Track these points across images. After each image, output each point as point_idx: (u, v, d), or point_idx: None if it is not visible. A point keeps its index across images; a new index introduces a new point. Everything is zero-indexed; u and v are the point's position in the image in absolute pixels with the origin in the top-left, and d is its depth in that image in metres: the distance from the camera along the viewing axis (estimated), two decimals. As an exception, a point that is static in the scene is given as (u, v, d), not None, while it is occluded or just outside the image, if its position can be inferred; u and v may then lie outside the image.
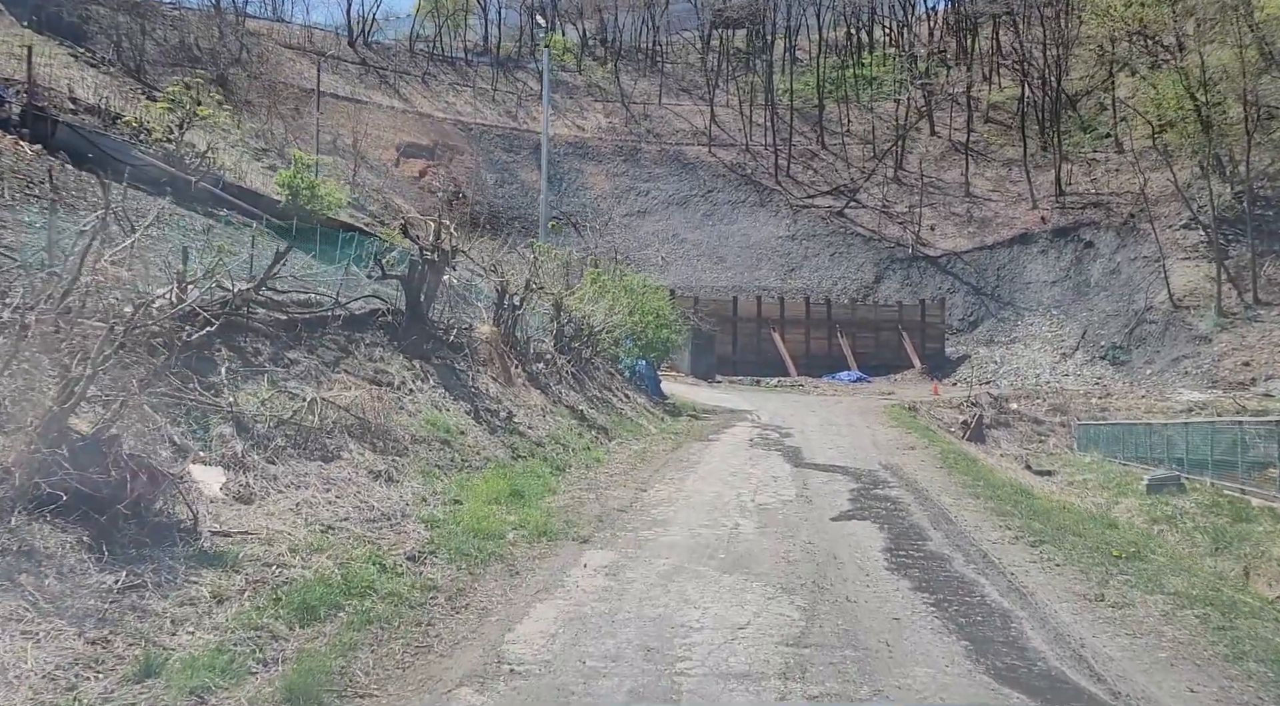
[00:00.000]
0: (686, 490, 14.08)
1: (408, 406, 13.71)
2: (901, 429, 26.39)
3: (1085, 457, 32.22)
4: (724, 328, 54.94)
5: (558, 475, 14.53)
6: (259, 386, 11.47)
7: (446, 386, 15.32)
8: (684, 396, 39.36)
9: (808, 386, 50.34)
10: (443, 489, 11.55)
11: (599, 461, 16.59)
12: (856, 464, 18.31)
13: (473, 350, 17.55)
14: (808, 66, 79.10)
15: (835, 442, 22.58)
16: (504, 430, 15.42)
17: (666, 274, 62.97)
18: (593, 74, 77.55)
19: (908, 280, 62.85)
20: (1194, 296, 53.46)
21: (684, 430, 24.99)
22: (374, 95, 67.18)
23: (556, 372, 21.71)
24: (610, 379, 27.92)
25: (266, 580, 7.11)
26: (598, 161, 70.11)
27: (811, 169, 70.74)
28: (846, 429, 27.16)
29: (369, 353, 14.47)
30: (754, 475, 16.06)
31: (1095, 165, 64.46)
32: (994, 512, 12.84)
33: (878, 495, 14.32)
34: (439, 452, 12.88)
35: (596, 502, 12.66)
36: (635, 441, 20.49)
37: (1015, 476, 19.29)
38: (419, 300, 15.70)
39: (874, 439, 23.65)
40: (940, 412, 40.35)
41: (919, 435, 24.18)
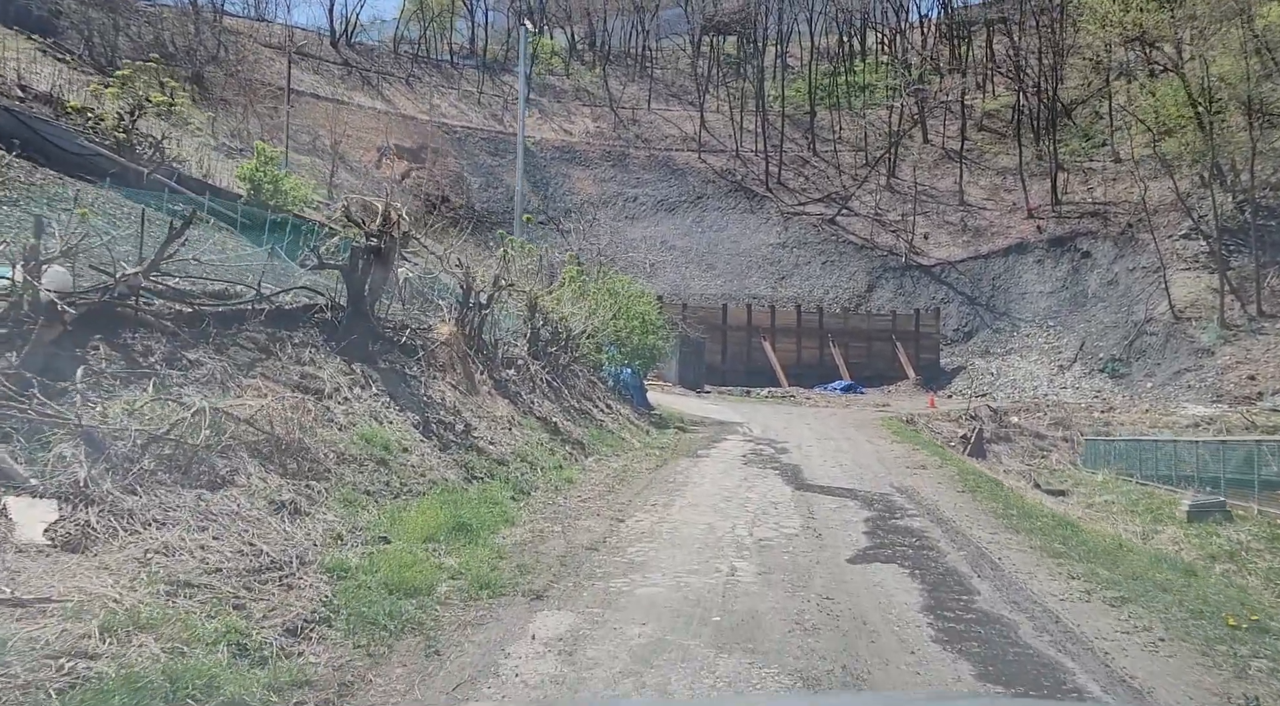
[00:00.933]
0: (672, 520, 11.69)
1: (339, 418, 11.29)
2: (906, 444, 24.06)
3: (1097, 476, 29.95)
4: (713, 336, 52.63)
5: (519, 501, 12.13)
6: (142, 393, 9.06)
7: (392, 394, 12.91)
8: (671, 407, 37.10)
9: (799, 397, 48.02)
10: (368, 522, 9.14)
11: (571, 483, 14.19)
12: (865, 486, 15.95)
13: (430, 354, 15.15)
14: (799, 73, 77.05)
15: (837, 460, 20.24)
16: (459, 446, 13.01)
17: (654, 280, 60.75)
18: (581, 78, 75.31)
19: (901, 289, 60.64)
20: (1195, 308, 51.37)
21: (671, 444, 22.61)
22: (356, 96, 64.75)
23: (529, 380, 19.31)
24: (591, 388, 25.54)
25: (40, 684, 4.70)
26: (585, 166, 67.80)
27: (803, 176, 68.57)
28: (846, 444, 24.82)
29: (297, 354, 12.06)
30: (750, 500, 13.68)
31: (1092, 174, 62.45)
32: (1043, 552, 10.49)
33: (898, 527, 11.95)
34: (372, 475, 10.46)
35: (562, 537, 10.26)
36: (616, 458, 18.09)
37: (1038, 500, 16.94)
38: (362, 294, 13.30)
39: (878, 455, 21.31)
40: (938, 426, 38.08)
41: (928, 452, 21.86)
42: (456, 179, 63.51)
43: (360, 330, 13.36)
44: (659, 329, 30.51)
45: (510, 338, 20.52)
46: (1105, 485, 27.02)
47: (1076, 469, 37.97)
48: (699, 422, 32.72)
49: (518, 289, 19.34)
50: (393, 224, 13.61)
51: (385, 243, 13.53)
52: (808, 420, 35.51)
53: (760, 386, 50.09)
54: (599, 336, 28.48)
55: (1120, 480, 28.30)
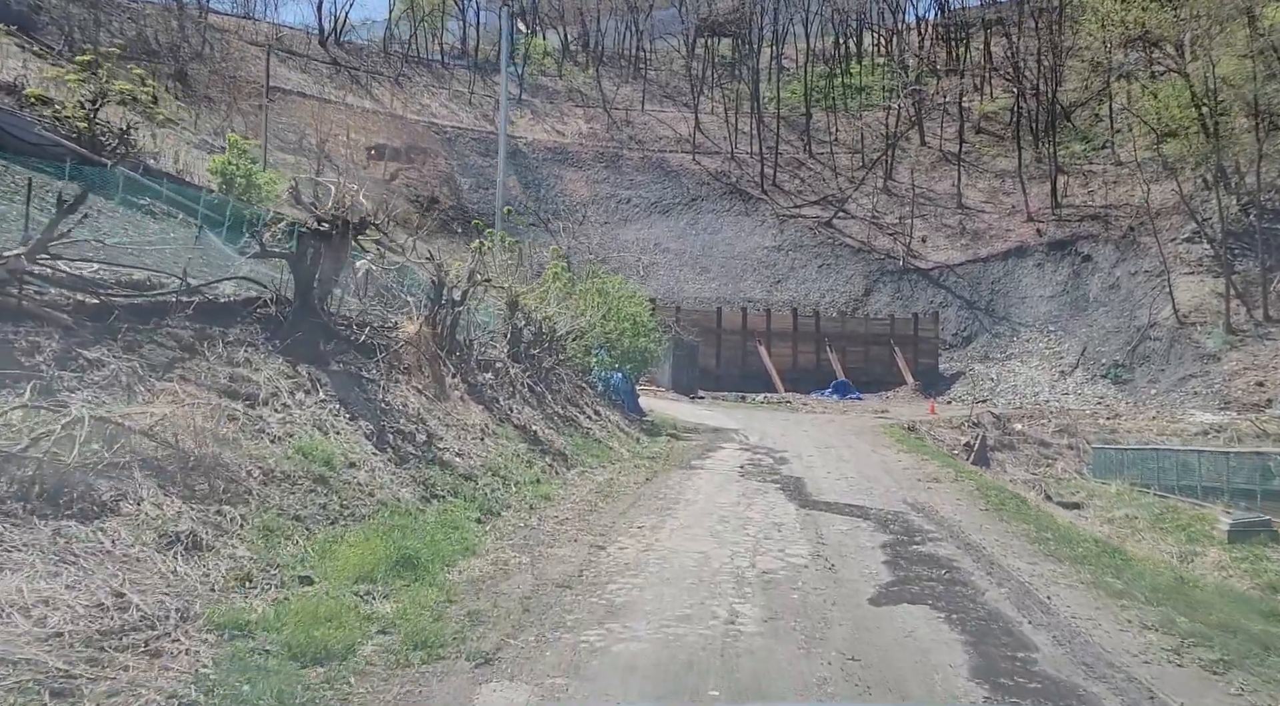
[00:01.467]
0: (661, 547, 10.00)
1: (272, 428, 9.58)
2: (914, 454, 22.38)
3: (1110, 486, 28.29)
4: (707, 340, 50.97)
5: (486, 523, 10.44)
6: (15, 398, 7.37)
7: (344, 400, 11.21)
8: (664, 413, 35.45)
9: (795, 403, 46.36)
10: (290, 557, 7.45)
11: (549, 500, 12.49)
12: (876, 503, 14.28)
13: (393, 355, 13.47)
14: (794, 75, 75.46)
15: (841, 471, 18.57)
16: (420, 459, 11.31)
17: (648, 283, 59.10)
18: (574, 79, 73.64)
19: (898, 293, 59.02)
20: (1200, 313, 49.83)
21: (662, 454, 20.91)
22: (344, 96, 63.03)
23: (509, 384, 17.62)
24: (578, 393, 23.85)
25: None
26: (578, 167, 66.12)
27: (798, 178, 66.95)
28: (848, 452, 23.15)
29: (229, 353, 10.35)
30: (751, 520, 12.00)
31: (1092, 177, 60.93)
32: (1097, 589, 8.82)
33: (922, 554, 10.28)
34: (305, 496, 8.76)
35: (529, 571, 8.58)
36: (601, 470, 16.39)
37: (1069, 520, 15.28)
38: (311, 286, 11.60)
39: (885, 466, 19.64)
40: (940, 433, 36.41)
41: (939, 462, 20.18)
42: (447, 179, 61.82)
43: (309, 327, 11.66)
44: (651, 331, 28.84)
45: (489, 338, 18.84)
46: (1121, 497, 25.39)
47: (1084, 478, 36.36)
48: (693, 430, 31.06)
49: (496, 285, 17.63)
50: (347, 208, 11.93)
51: (339, 229, 11.84)
52: (806, 427, 33.86)
53: (755, 391, 48.41)
54: (587, 338, 26.84)
55: (1136, 491, 26.66)
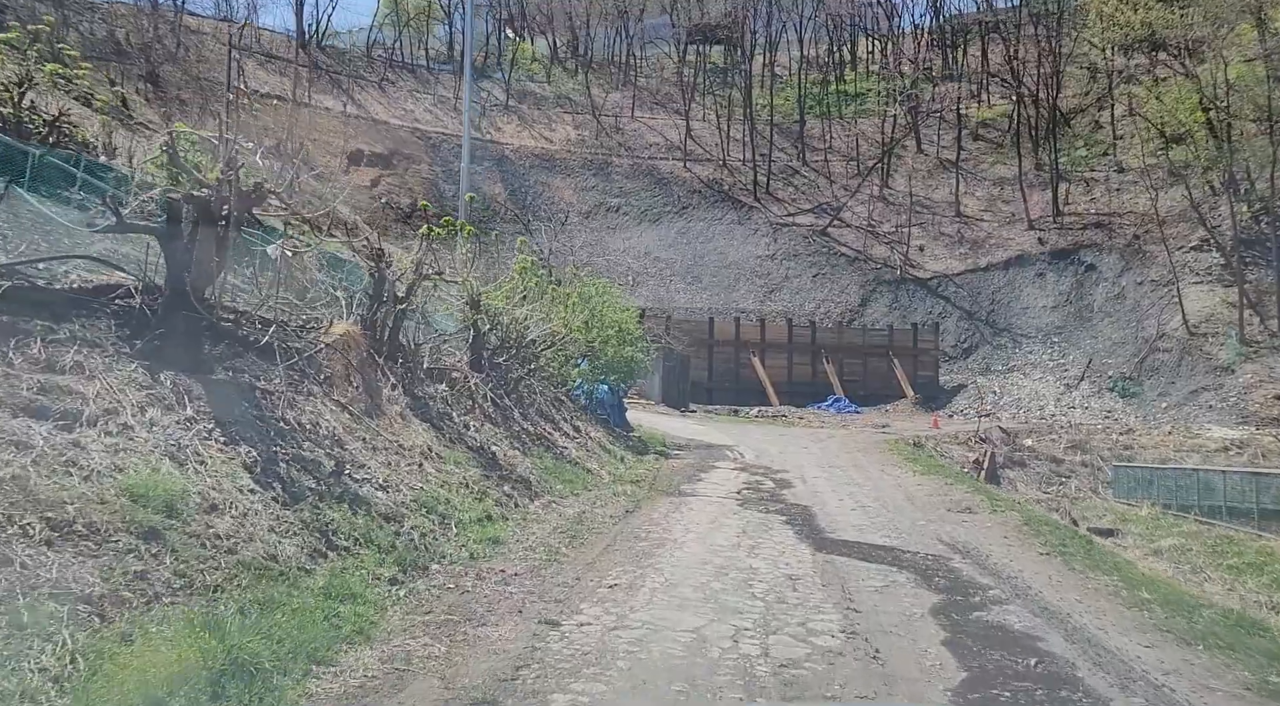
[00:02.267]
0: (637, 620, 7.15)
1: (91, 459, 6.72)
2: (932, 475, 19.54)
3: (1139, 509, 25.50)
4: (699, 352, 48.19)
5: (400, 586, 7.58)
6: None
7: (223, 418, 8.36)
8: (653, 428, 32.69)
9: (791, 417, 43.58)
10: (17, 685, 4.59)
11: (497, 545, 9.64)
12: (907, 541, 11.46)
13: (309, 360, 10.64)
14: (787, 82, 72.92)
15: (855, 498, 15.76)
16: (322, 496, 8.44)
17: (637, 293, 56.34)
18: (562, 85, 70.93)
19: (896, 303, 56.32)
20: (1211, 323, 47.26)
21: (648, 476, 18.06)
22: (325, 100, 60.24)
23: (467, 397, 14.78)
24: (555, 407, 21.02)
25: None
26: (566, 175, 63.38)
27: (792, 186, 64.29)
28: (857, 474, 20.35)
29: (51, 355, 7.50)
30: (757, 573, 9.16)
31: (1094, 184, 58.40)
32: (1273, 700, 6.05)
33: (990, 628, 7.46)
34: (115, 561, 5.88)
35: (438, 674, 5.73)
36: (573, 499, 13.54)
37: (1158, 569, 12.48)
38: (185, 270, 8.77)
39: (904, 491, 16.83)
40: (948, 449, 33.66)
41: (966, 487, 17.34)
42: (430, 186, 59.00)
43: (185, 324, 8.82)
44: (637, 340, 26.01)
45: (444, 343, 16.02)
46: (1157, 523, 22.62)
47: (1101, 498, 33.62)
48: (684, 446, 28.28)
49: (450, 280, 14.78)
50: (236, 172, 9.12)
51: (224, 198, 9.02)
52: (805, 443, 31.09)
53: (749, 405, 45.62)
54: (567, 347, 24.04)
55: (1172, 517, 23.88)
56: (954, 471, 22.44)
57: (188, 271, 8.86)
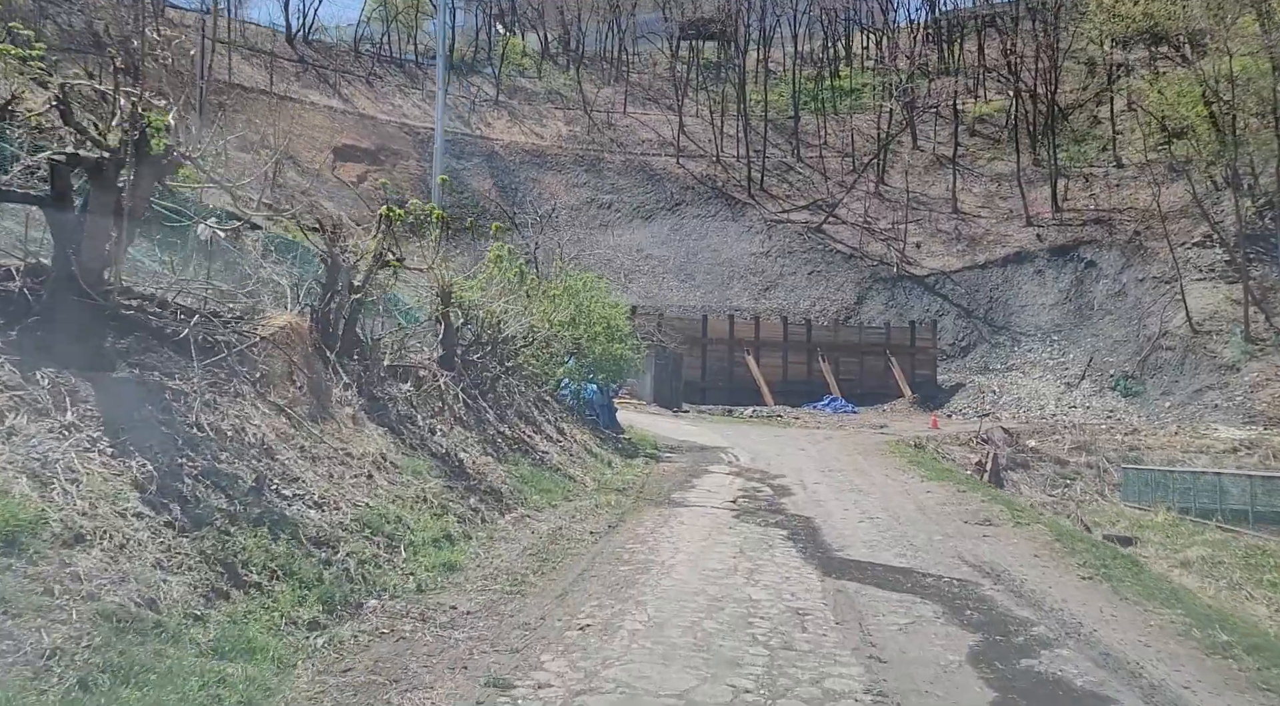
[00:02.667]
0: (609, 683, 5.63)
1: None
2: (941, 481, 18.03)
3: (1153, 514, 24.06)
4: (692, 350, 46.69)
5: (314, 637, 6.07)
6: None
7: (119, 425, 6.85)
8: (644, 429, 31.23)
9: (786, 417, 42.10)
10: None
11: (452, 572, 8.14)
12: (927, 562, 10.00)
13: (242, 357, 9.14)
14: (782, 77, 71.50)
15: (861, 506, 14.29)
16: (235, 519, 6.92)
17: (629, 290, 54.91)
18: (553, 80, 69.39)
19: (892, 301, 54.90)
20: (1214, 320, 45.89)
21: (637, 483, 16.57)
22: (311, 95, 58.63)
23: (436, 398, 13.28)
24: (538, 408, 19.53)
25: None
26: (558, 171, 61.84)
27: (787, 182, 62.84)
28: (860, 480, 18.89)
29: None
30: (758, 606, 7.66)
31: (1093, 180, 57.01)
32: None
33: (1045, 681, 5.99)
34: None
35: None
36: (550, 511, 12.04)
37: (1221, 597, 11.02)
38: (73, 248, 7.27)
39: (914, 499, 15.36)
40: (949, 450, 32.23)
41: (981, 494, 15.82)
42: (418, 182, 57.36)
43: (75, 312, 7.32)
44: (627, 337, 24.50)
45: (410, 339, 14.51)
46: (1176, 530, 21.19)
47: (1109, 500, 32.23)
48: (676, 449, 26.80)
49: (415, 268, 13.27)
50: (142, 126, 7.63)
51: (122, 161, 7.53)
52: (802, 445, 29.64)
53: (743, 405, 44.14)
54: (554, 344, 22.57)
55: (1190, 523, 22.44)
56: (963, 476, 20.97)
57: (74, 249, 7.35)
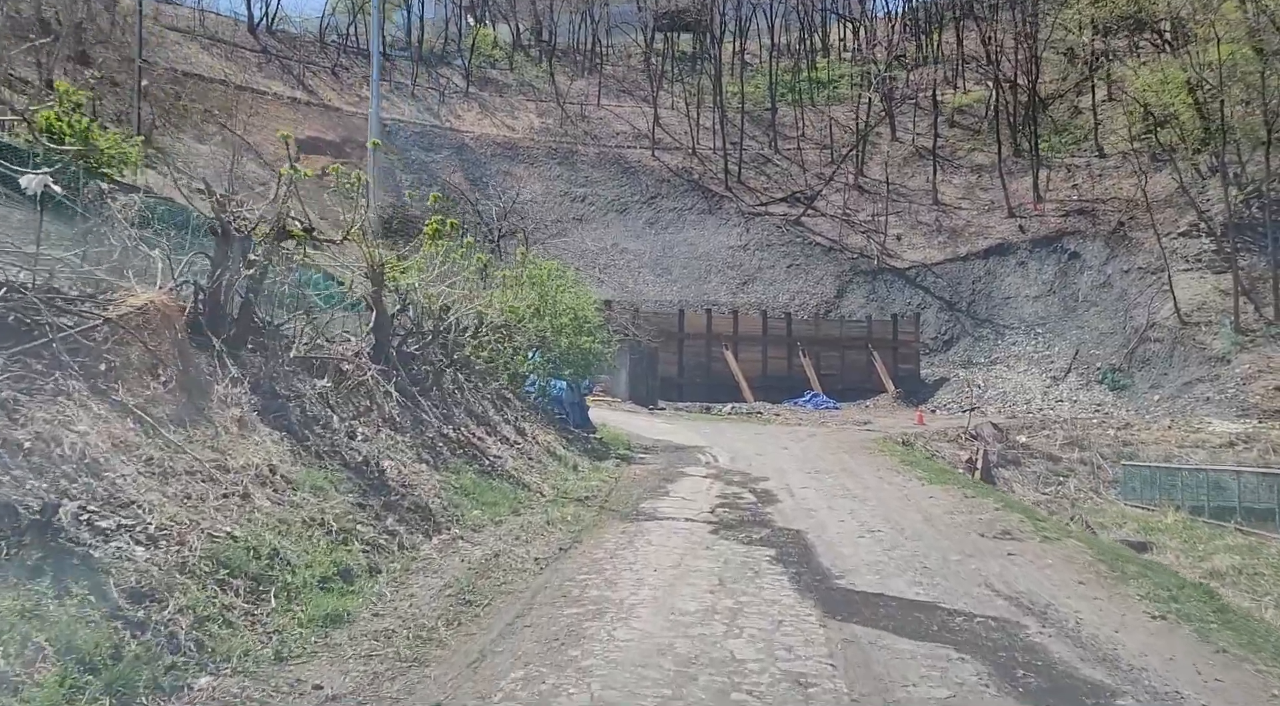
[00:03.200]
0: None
1: None
2: (944, 485, 15.95)
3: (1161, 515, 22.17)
4: (669, 346, 44.61)
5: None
6: None
7: None
8: (618, 427, 29.25)
9: (767, 414, 40.09)
10: None
11: (334, 627, 6.02)
12: (947, 591, 7.97)
13: (77, 344, 7.01)
14: (758, 69, 69.55)
15: (858, 516, 12.26)
16: (9, 564, 4.83)
17: (605, 285, 52.85)
18: (525, 72, 67.11)
19: (873, 294, 53.04)
20: (1203, 311, 44.24)
21: (602, 490, 14.46)
22: (273, 85, 56.14)
23: (363, 395, 11.14)
24: (498, 406, 17.43)
25: None
26: (530, 164, 59.57)
27: (764, 174, 60.86)
28: (851, 481, 16.87)
29: None
30: (743, 671, 5.58)
31: (1075, 170, 55.35)
32: None
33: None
34: None
35: None
36: (493, 529, 9.91)
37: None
38: None
39: (917, 505, 13.33)
40: (938, 447, 30.36)
41: (994, 501, 13.79)
42: (384, 175, 55.01)
43: None
44: (597, 329, 22.37)
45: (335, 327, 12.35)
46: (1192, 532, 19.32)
47: (1103, 498, 30.44)
48: (650, 449, 24.77)
49: (327, 240, 11.12)
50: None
51: None
52: (784, 443, 27.66)
53: (722, 401, 42.10)
54: (517, 337, 20.48)
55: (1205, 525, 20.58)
56: (965, 478, 18.96)
57: None
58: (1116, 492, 30.36)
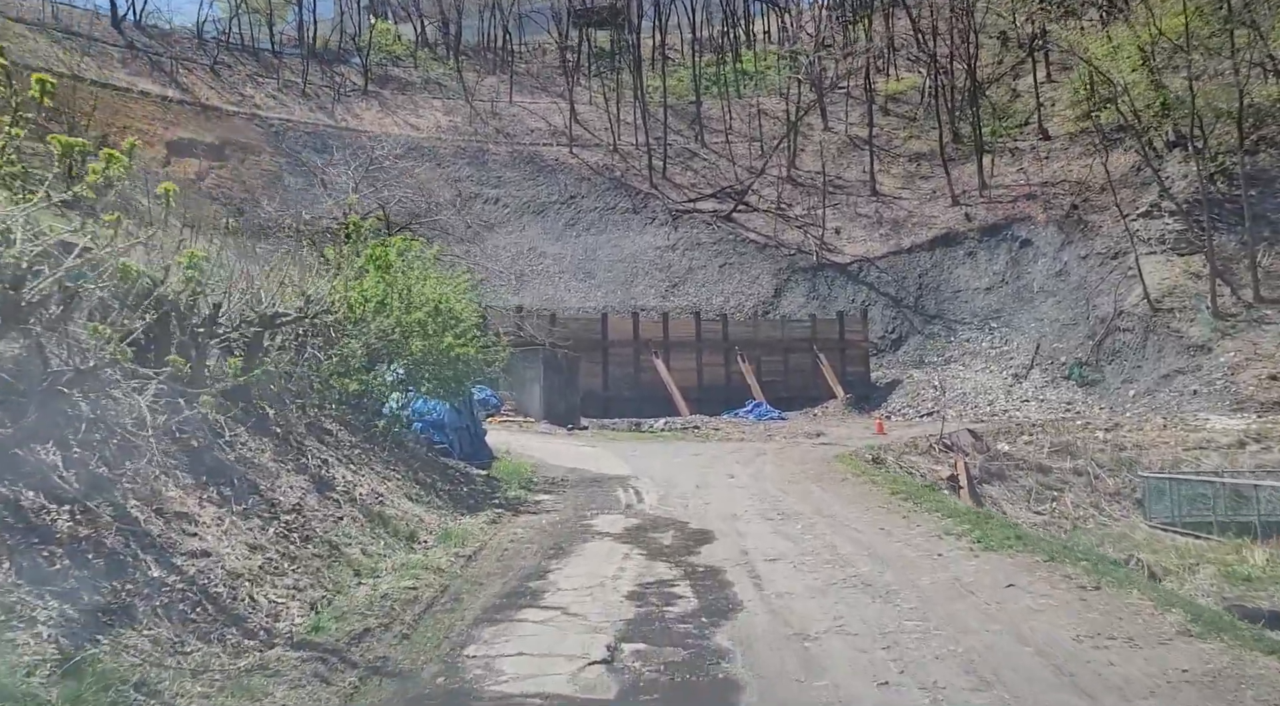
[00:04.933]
0: None
1: None
2: (1005, 553, 9.57)
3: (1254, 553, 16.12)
4: (592, 355, 38.08)
5: None
6: None
7: None
8: (526, 454, 22.84)
9: (705, 428, 33.70)
10: None
11: None
12: None
13: None
14: (680, 63, 63.65)
15: (882, 626, 6.00)
16: None
17: (522, 294, 46.33)
18: (431, 69, 60.25)
19: (814, 292, 47.15)
20: (1174, 296, 39.09)
21: (424, 593, 7.81)
22: (141, 83, 48.57)
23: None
24: (312, 435, 10.82)
25: None
26: (437, 164, 52.67)
27: (691, 170, 54.78)
28: (843, 539, 10.48)
29: None
30: None
31: (1020, 154, 50.23)
32: None
33: None
34: None
35: None
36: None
37: None
38: None
39: (992, 605, 7.08)
40: (911, 462, 24.29)
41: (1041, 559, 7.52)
42: (272, 180, 47.79)
43: None
44: (471, 328, 15.72)
45: None
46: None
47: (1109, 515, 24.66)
48: (558, 483, 18.25)
49: None
50: None
51: None
52: (730, 467, 21.34)
53: (654, 416, 35.62)
54: (353, 340, 13.88)
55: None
56: (1018, 528, 12.57)
57: None
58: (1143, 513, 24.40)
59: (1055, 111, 50.82)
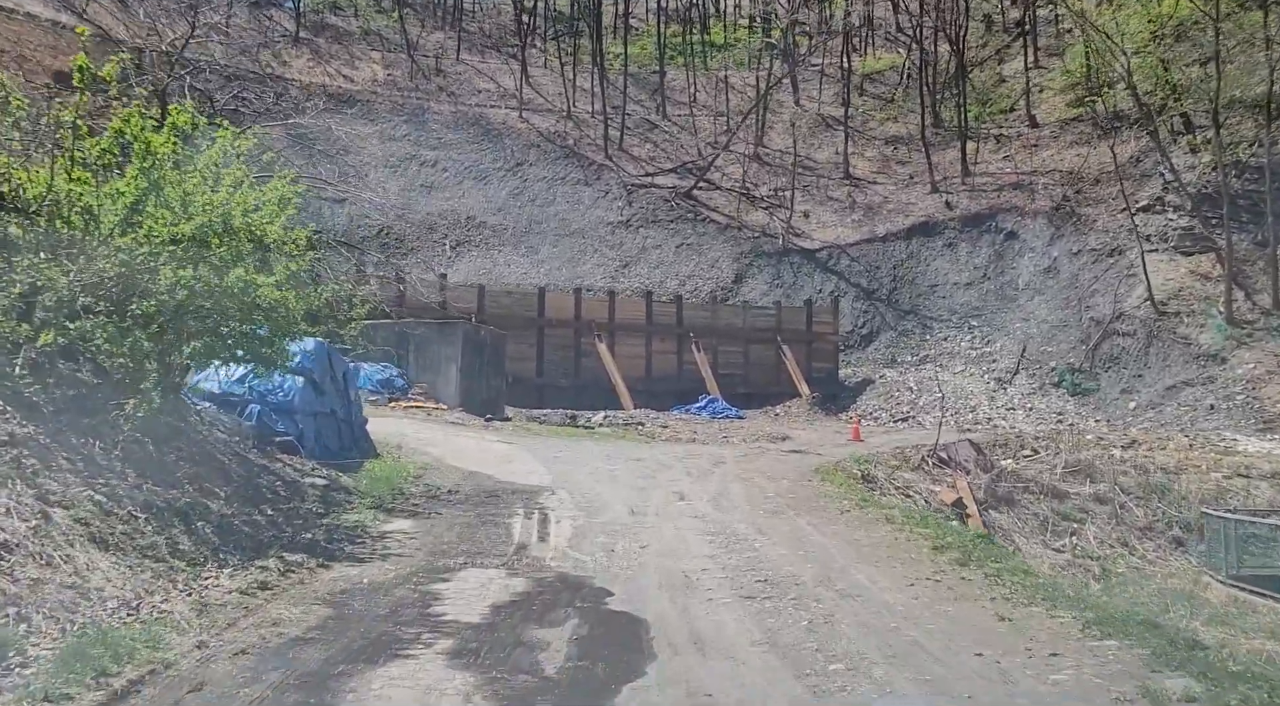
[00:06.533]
0: None
1: None
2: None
3: None
4: (525, 336, 32.23)
5: None
6: None
7: None
8: (423, 450, 17.21)
9: (650, 425, 27.87)
10: None
11: None
12: None
13: None
14: (645, 32, 57.90)
15: None
16: None
17: (457, 266, 40.41)
18: (371, 20, 53.86)
19: (778, 279, 41.66)
20: (1180, 299, 34.34)
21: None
22: (28, 4, 41.66)
23: None
24: None
25: None
26: (370, 120, 46.16)
27: (650, 142, 49.03)
28: (857, 628, 5.01)
29: None
30: None
31: (1006, 141, 45.25)
32: None
33: None
34: None
35: None
36: None
37: None
38: None
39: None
40: (905, 479, 18.81)
41: None
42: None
43: None
44: (277, 253, 9.86)
45: None
46: None
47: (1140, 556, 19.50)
48: (445, 495, 12.65)
49: None
50: None
51: None
52: (677, 477, 15.77)
53: (593, 408, 29.78)
54: (99, 260, 8.00)
55: None
56: (1137, 615, 7.13)
57: None
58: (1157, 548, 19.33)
59: (1044, 98, 45.98)
